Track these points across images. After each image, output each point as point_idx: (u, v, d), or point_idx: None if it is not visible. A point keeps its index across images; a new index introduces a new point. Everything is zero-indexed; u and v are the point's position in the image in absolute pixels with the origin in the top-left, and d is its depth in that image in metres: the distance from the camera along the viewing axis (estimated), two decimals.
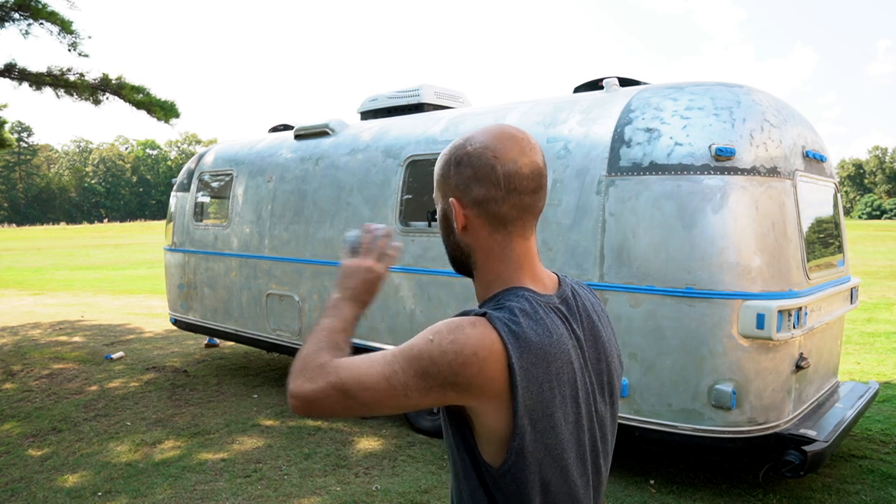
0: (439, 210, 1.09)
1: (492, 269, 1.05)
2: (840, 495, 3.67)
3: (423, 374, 0.92)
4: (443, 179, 1.06)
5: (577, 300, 1.07)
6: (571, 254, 3.74)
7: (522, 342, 0.93)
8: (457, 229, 1.05)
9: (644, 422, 3.52)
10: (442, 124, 4.70)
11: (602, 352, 1.07)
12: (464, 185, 1.02)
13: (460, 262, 1.09)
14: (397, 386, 0.93)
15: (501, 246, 1.03)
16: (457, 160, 1.03)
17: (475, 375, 0.91)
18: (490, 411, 0.94)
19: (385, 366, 0.95)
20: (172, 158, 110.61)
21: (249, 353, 7.43)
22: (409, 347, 0.95)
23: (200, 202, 6.73)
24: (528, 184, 1.01)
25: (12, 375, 6.67)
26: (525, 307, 0.97)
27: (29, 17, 8.09)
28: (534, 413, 0.93)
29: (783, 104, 3.86)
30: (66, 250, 29.43)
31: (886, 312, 9.55)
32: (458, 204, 1.03)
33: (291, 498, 3.74)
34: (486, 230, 1.03)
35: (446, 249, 1.11)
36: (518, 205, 1.01)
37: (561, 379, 0.96)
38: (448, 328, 0.94)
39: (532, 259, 1.05)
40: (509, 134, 1.03)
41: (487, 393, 0.92)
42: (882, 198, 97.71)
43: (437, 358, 0.92)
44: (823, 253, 4.03)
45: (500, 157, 1.00)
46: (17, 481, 4.10)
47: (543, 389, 0.94)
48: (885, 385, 5.70)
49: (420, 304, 4.52)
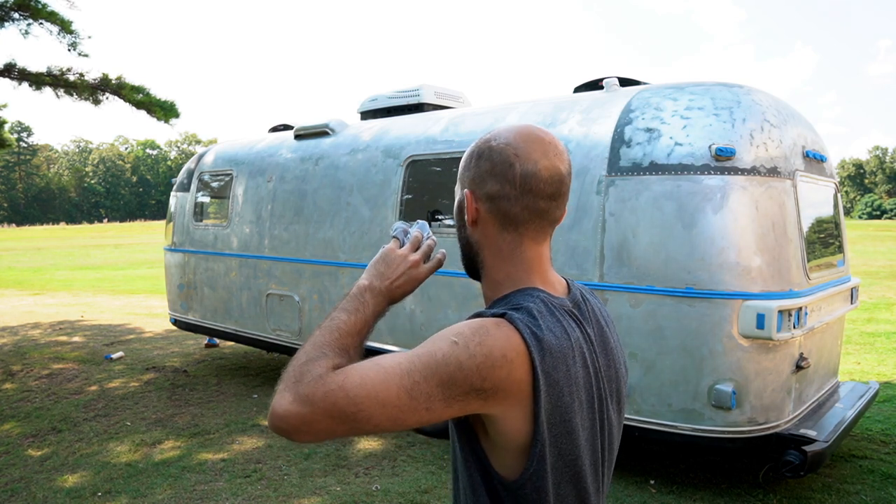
0: (456, 201, 1.07)
1: (500, 269, 1.01)
2: (840, 495, 3.67)
3: (448, 382, 0.84)
4: (464, 170, 1.04)
5: (587, 304, 1.05)
6: (571, 254, 3.74)
7: (544, 344, 0.89)
8: (467, 222, 1.03)
9: (644, 422, 3.52)
10: (442, 124, 4.70)
11: (611, 358, 1.04)
12: (480, 179, 1.00)
13: (470, 259, 1.06)
14: (419, 398, 0.84)
15: (511, 247, 1.00)
16: (479, 153, 1.02)
17: (504, 379, 0.86)
18: (511, 417, 0.89)
19: (404, 376, 0.84)
20: (172, 158, 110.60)
21: (249, 353, 7.43)
22: (429, 353, 0.86)
23: (200, 202, 6.73)
24: (545, 188, 0.98)
25: (12, 375, 6.67)
26: (542, 308, 0.94)
27: (29, 16, 8.09)
28: (553, 418, 0.90)
29: (783, 104, 3.86)
30: (66, 250, 29.42)
31: (886, 312, 9.55)
32: (472, 196, 1.01)
33: (291, 498, 3.74)
34: (495, 228, 1.00)
35: (460, 247, 1.08)
36: (532, 207, 0.98)
37: (578, 383, 0.93)
38: (472, 330, 0.88)
39: (543, 264, 1.02)
40: (536, 135, 1.00)
41: (512, 397, 0.88)
42: (882, 198, 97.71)
43: (466, 362, 0.85)
44: (823, 253, 4.03)
45: (521, 155, 0.97)
46: (16, 481, 4.10)
47: (563, 394, 0.91)
48: (886, 385, 5.70)
49: (420, 304, 4.52)
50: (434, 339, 0.89)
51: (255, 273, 5.84)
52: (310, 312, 5.34)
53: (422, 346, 0.89)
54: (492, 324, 0.89)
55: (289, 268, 5.51)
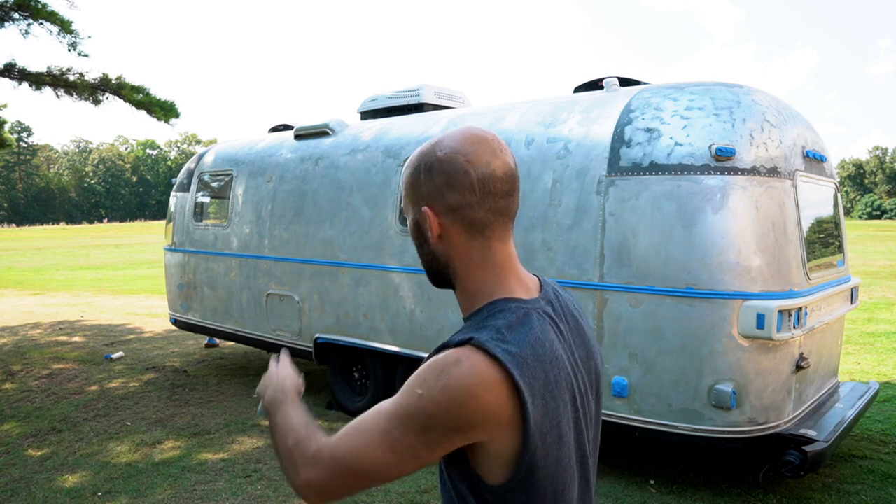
0: (410, 220, 1.04)
1: (473, 278, 1.01)
2: (840, 495, 3.67)
3: (423, 431, 0.88)
4: (413, 188, 1.02)
5: (559, 300, 1.05)
6: (571, 254, 3.74)
7: (518, 359, 0.89)
8: (431, 239, 1.01)
9: (644, 422, 3.52)
10: (442, 124, 4.70)
11: (589, 349, 1.05)
12: (437, 192, 0.98)
13: (437, 273, 1.04)
14: (403, 452, 0.89)
15: (480, 253, 1.00)
16: (427, 166, 0.99)
17: (476, 412, 0.87)
18: (498, 439, 0.89)
19: (382, 435, 0.90)
20: (172, 158, 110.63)
21: (249, 353, 7.43)
22: (399, 408, 0.90)
23: (200, 202, 6.73)
24: (502, 186, 0.98)
25: (12, 375, 6.67)
26: (511, 321, 0.93)
27: (29, 16, 8.09)
28: (543, 427, 0.90)
29: (783, 104, 3.86)
30: (66, 250, 29.42)
31: (886, 312, 9.54)
32: (432, 212, 0.99)
33: (291, 498, 3.74)
34: (462, 237, 0.99)
35: (422, 261, 1.06)
36: (494, 208, 0.98)
37: (560, 385, 0.94)
38: (434, 374, 0.88)
39: (513, 263, 1.02)
40: (479, 136, 0.99)
41: (493, 424, 0.88)
42: (882, 198, 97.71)
43: (433, 409, 0.87)
44: (823, 253, 4.03)
45: (473, 160, 0.97)
46: (16, 481, 4.10)
47: (547, 401, 0.91)
48: (886, 385, 5.70)
49: (420, 304, 4.52)
50: (404, 390, 0.91)
51: (255, 273, 5.84)
52: (310, 312, 5.34)
53: (395, 400, 0.92)
54: (452, 361, 0.88)
55: (289, 268, 5.51)
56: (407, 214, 1.06)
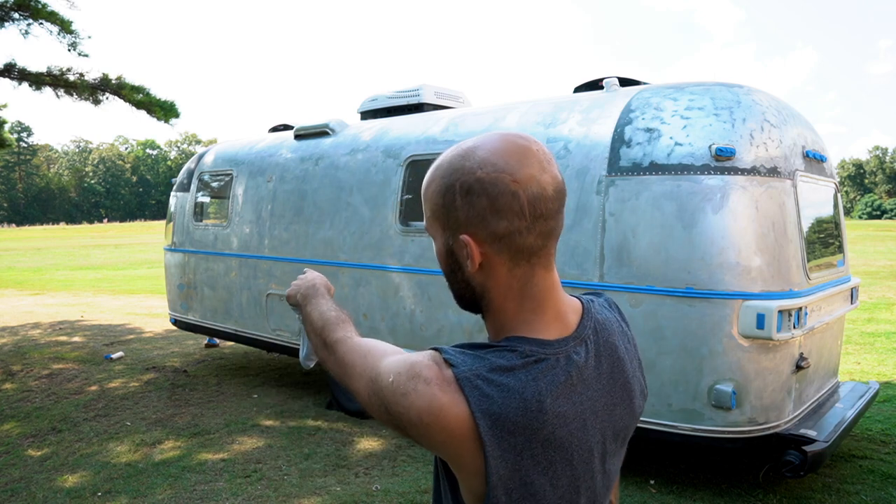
0: (440, 245, 0.92)
1: (507, 310, 0.89)
2: (840, 495, 3.67)
3: (386, 408, 0.85)
4: (444, 211, 0.88)
5: (598, 335, 0.92)
6: (571, 254, 3.74)
7: (496, 406, 0.79)
8: (469, 268, 0.88)
9: (644, 422, 3.52)
10: (442, 124, 4.70)
11: (623, 394, 0.93)
12: (478, 219, 0.85)
13: (469, 301, 0.93)
14: (378, 406, 0.88)
15: (522, 282, 0.88)
16: (465, 188, 0.85)
17: (422, 436, 0.82)
18: (458, 470, 0.83)
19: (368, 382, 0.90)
20: (172, 158, 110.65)
21: (249, 353, 7.43)
22: (377, 375, 0.87)
23: (200, 202, 6.73)
24: (552, 206, 0.85)
25: (12, 375, 6.67)
26: (514, 364, 0.82)
27: (29, 16, 8.09)
28: (510, 483, 0.80)
29: (783, 104, 3.86)
30: (66, 250, 29.42)
31: (886, 312, 9.54)
32: (473, 241, 0.86)
33: (291, 498, 3.74)
34: (506, 267, 0.87)
35: (451, 287, 0.94)
36: (544, 232, 0.86)
37: (551, 444, 0.82)
38: (406, 375, 0.83)
39: (554, 293, 0.90)
40: (523, 147, 0.86)
41: (443, 452, 0.83)
42: (882, 198, 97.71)
43: (391, 401, 0.84)
44: (823, 253, 4.03)
45: (521, 179, 0.83)
46: (16, 481, 4.10)
47: (523, 457, 0.80)
48: (886, 385, 5.70)
49: (420, 304, 4.52)
50: (390, 361, 0.88)
51: (255, 273, 5.84)
52: None
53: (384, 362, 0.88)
54: (424, 376, 0.81)
55: (289, 268, 5.51)
56: (434, 237, 0.93)
